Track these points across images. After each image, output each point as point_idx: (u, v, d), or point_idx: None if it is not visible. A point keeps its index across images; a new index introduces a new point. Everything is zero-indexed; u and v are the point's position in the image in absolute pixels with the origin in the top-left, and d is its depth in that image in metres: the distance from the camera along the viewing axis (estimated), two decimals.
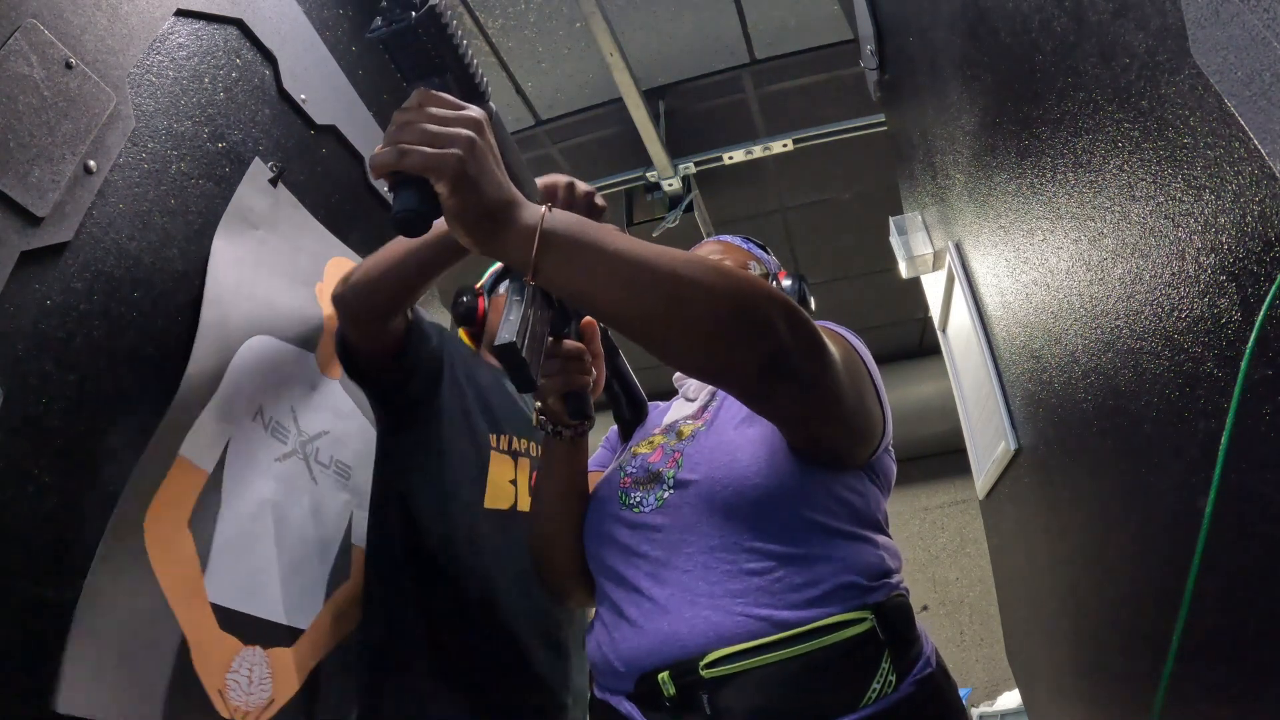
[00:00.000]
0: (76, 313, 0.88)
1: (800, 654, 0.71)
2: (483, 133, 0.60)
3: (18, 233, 0.79)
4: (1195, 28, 0.54)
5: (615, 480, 0.89)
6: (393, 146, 0.57)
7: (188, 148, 1.06)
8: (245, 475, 1.11)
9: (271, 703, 1.10)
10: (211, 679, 1.00)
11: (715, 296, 0.64)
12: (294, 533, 1.19)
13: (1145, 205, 0.65)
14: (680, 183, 2.96)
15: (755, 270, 1.06)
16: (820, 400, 0.73)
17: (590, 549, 0.89)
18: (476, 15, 2.30)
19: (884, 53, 1.80)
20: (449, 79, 0.64)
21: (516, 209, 0.61)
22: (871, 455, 0.84)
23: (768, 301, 0.66)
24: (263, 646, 1.10)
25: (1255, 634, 0.57)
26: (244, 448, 1.11)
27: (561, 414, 0.87)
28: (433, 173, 0.57)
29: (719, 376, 0.73)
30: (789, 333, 0.67)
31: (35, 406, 0.82)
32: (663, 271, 0.63)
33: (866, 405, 0.80)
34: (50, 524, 0.83)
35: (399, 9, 0.59)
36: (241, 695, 1.05)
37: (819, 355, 0.70)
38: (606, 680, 0.81)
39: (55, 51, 0.84)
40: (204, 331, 1.01)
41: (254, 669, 1.08)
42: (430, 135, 0.57)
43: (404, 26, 0.59)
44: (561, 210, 0.64)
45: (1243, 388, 0.52)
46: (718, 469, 0.81)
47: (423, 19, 0.59)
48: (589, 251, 0.62)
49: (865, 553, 0.78)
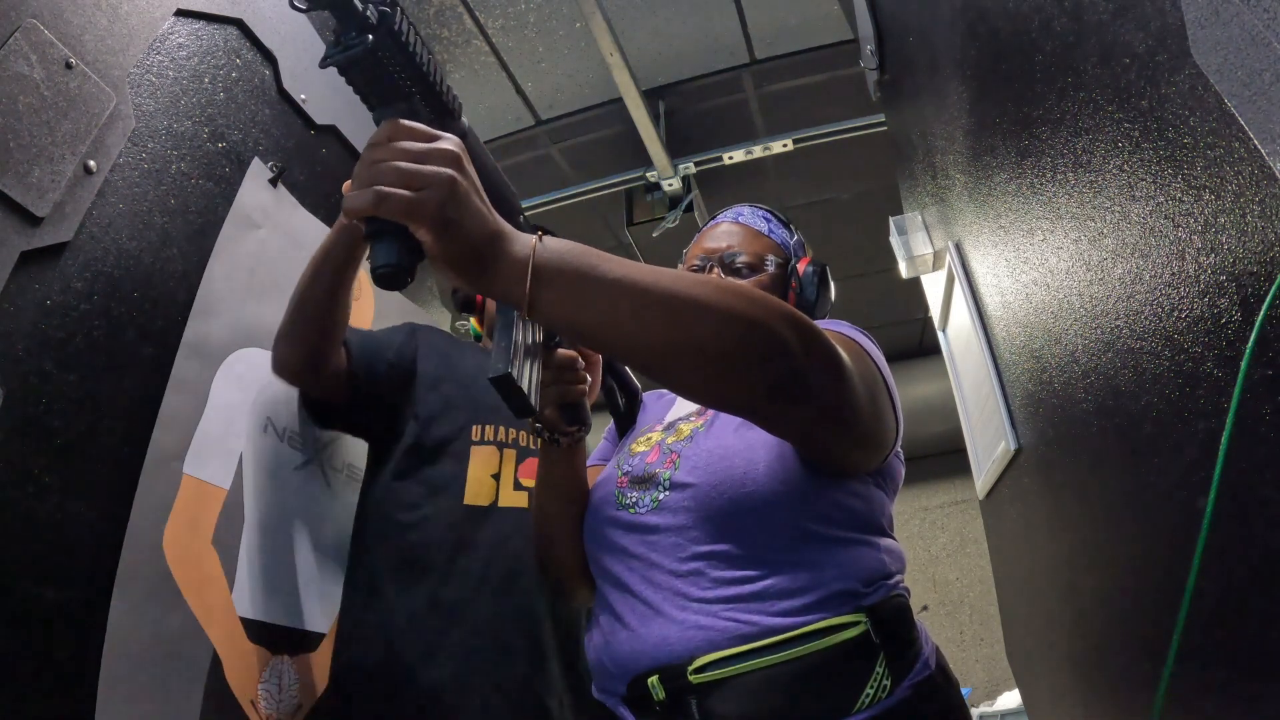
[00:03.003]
0: (76, 313, 0.88)
1: (790, 659, 0.69)
2: (461, 167, 0.56)
3: (18, 233, 0.79)
4: (1195, 28, 0.54)
5: (613, 479, 0.89)
6: (368, 189, 0.53)
7: (188, 148, 1.06)
8: (265, 488, 1.13)
9: (300, 708, 1.12)
10: (244, 691, 1.02)
11: (720, 319, 0.61)
12: (313, 539, 1.21)
13: (1145, 205, 0.65)
14: (680, 183, 2.96)
15: (772, 264, 1.03)
16: (836, 418, 0.70)
17: (588, 549, 0.88)
18: (476, 15, 2.30)
19: (884, 53, 1.80)
20: (416, 101, 0.60)
21: (504, 242, 0.57)
22: (882, 462, 0.83)
23: (778, 320, 0.63)
24: (290, 654, 1.12)
25: (1255, 634, 0.57)
26: (260, 461, 1.12)
27: (558, 423, 0.86)
28: (413, 220, 0.53)
29: (728, 402, 0.69)
30: (802, 352, 0.63)
31: (35, 406, 0.82)
32: (663, 296, 0.60)
33: (881, 416, 0.77)
34: (50, 524, 0.83)
35: (353, 32, 0.55)
36: (273, 704, 1.07)
37: (836, 373, 0.67)
38: (601, 681, 0.81)
39: (55, 51, 0.84)
40: (184, 350, 1.01)
41: (284, 677, 1.10)
42: (406, 176, 0.53)
43: (361, 51, 0.55)
44: (553, 238, 0.60)
45: (1243, 388, 0.52)
46: (713, 474, 0.79)
47: (380, 41, 0.55)
48: (585, 280, 0.59)
49: (863, 557, 0.77)
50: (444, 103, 0.62)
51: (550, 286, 0.57)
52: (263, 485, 1.12)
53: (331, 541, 1.24)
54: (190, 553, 0.98)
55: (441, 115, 0.62)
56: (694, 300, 0.61)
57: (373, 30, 0.55)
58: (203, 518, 1.01)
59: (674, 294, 0.60)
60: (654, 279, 0.61)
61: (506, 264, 0.57)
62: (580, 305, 0.59)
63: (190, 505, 0.99)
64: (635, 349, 0.62)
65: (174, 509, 0.97)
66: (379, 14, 0.55)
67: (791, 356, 0.63)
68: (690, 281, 0.62)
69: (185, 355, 1.01)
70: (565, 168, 3.07)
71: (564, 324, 0.60)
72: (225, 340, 1.09)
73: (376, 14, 0.55)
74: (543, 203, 3.13)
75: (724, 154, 2.92)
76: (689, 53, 2.62)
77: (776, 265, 1.03)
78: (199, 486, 1.01)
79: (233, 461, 1.08)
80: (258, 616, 1.07)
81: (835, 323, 0.87)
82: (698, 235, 1.10)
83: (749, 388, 0.64)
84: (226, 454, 1.07)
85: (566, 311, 0.59)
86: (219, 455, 1.05)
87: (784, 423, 0.70)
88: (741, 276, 1.01)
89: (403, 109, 0.59)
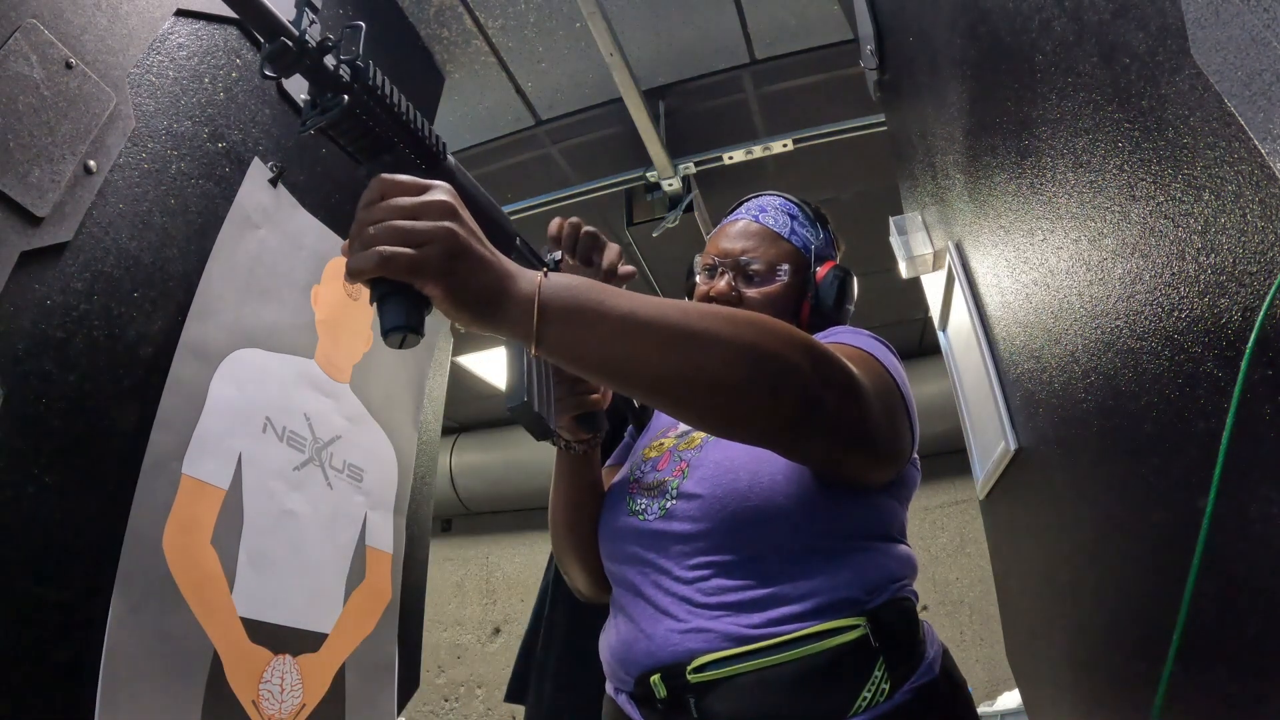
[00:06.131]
0: (76, 313, 0.88)
1: (786, 661, 0.70)
2: (457, 216, 0.55)
3: (18, 233, 0.79)
4: (1195, 28, 0.54)
5: (626, 485, 0.90)
6: (371, 251, 0.52)
7: (188, 148, 1.06)
8: (265, 488, 1.13)
9: (303, 707, 1.12)
10: (245, 691, 1.02)
11: (730, 351, 0.60)
12: (313, 540, 1.21)
13: (1145, 205, 0.65)
14: (680, 183, 2.96)
15: (786, 272, 1.01)
16: (855, 443, 0.70)
17: (602, 551, 0.90)
18: (476, 15, 2.30)
19: (884, 53, 1.80)
20: (401, 150, 0.60)
21: (510, 282, 0.57)
22: (897, 474, 0.83)
23: (789, 349, 0.62)
24: (291, 654, 1.12)
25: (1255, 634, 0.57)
26: (260, 460, 1.12)
27: (574, 431, 0.86)
28: (418, 278, 0.53)
29: (744, 433, 0.67)
30: (817, 379, 0.63)
31: (35, 406, 0.82)
32: (670, 330, 0.59)
33: (898, 431, 0.76)
34: (50, 524, 0.83)
35: (329, 93, 0.55)
36: (275, 703, 1.07)
37: (853, 397, 0.66)
38: (613, 678, 0.83)
39: (55, 51, 0.84)
40: (183, 350, 1.01)
41: (285, 677, 1.11)
42: (404, 234, 0.53)
43: (339, 112, 0.55)
44: (559, 274, 0.60)
45: (1243, 388, 0.52)
46: (719, 486, 0.79)
47: (357, 99, 0.55)
48: (590, 316, 0.58)
49: (870, 565, 0.77)
50: (428, 147, 0.62)
51: (556, 323, 0.57)
52: (263, 485, 1.12)
53: (331, 541, 1.25)
54: (190, 553, 0.98)
55: (427, 160, 0.62)
56: (702, 333, 0.60)
57: (347, 89, 0.55)
58: (202, 518, 1.01)
59: (681, 328, 0.59)
60: (660, 313, 0.59)
61: (513, 304, 0.56)
62: (586, 341, 0.58)
63: (189, 505, 0.99)
64: (644, 384, 0.61)
65: (173, 509, 0.97)
66: (352, 70, 0.55)
67: (806, 385, 0.62)
68: (699, 314, 0.61)
69: (184, 355, 1.01)
70: (565, 168, 3.07)
71: (571, 359, 0.60)
72: (224, 340, 1.09)
73: (349, 70, 0.55)
74: (543, 203, 3.13)
75: (724, 154, 2.92)
76: (689, 53, 2.62)
77: (791, 273, 1.02)
78: (198, 486, 1.01)
79: (232, 461, 1.08)
80: (257, 616, 1.07)
81: (855, 332, 0.86)
82: (718, 227, 1.10)
83: (764, 419, 0.63)
84: (225, 454, 1.07)
85: (573, 347, 0.58)
86: (218, 455, 1.05)
87: (802, 451, 0.69)
88: (754, 284, 1.01)
89: (389, 161, 0.59)
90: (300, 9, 0.55)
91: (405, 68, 2.11)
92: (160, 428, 0.97)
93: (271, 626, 1.09)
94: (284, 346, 1.23)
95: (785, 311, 1.02)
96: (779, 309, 1.01)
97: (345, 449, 1.32)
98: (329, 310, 1.32)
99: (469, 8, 2.27)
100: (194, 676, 0.96)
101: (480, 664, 5.28)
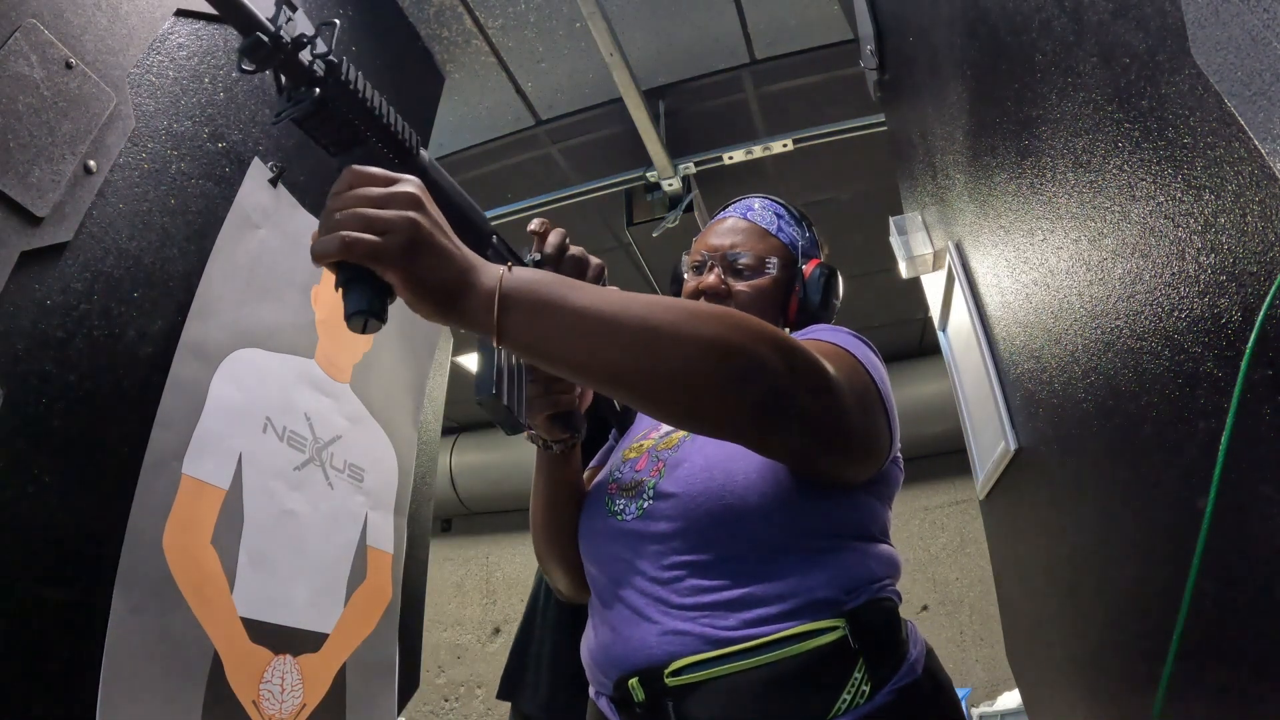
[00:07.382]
0: (76, 313, 0.88)
1: (764, 664, 0.69)
2: (422, 207, 0.56)
3: (18, 233, 0.79)
4: (1195, 28, 0.54)
5: (605, 486, 0.89)
6: (334, 236, 0.54)
7: (188, 148, 1.06)
8: (266, 487, 1.13)
9: (304, 707, 1.13)
10: (245, 691, 1.03)
11: (695, 346, 0.60)
12: (314, 540, 1.21)
13: (1145, 205, 0.65)
14: (680, 183, 2.96)
15: (774, 266, 1.01)
16: (826, 437, 0.69)
17: (582, 552, 0.89)
18: (476, 15, 2.30)
19: (884, 53, 1.80)
20: (374, 145, 0.61)
21: (472, 274, 0.57)
22: (876, 472, 0.82)
23: (756, 342, 0.62)
24: (292, 654, 1.12)
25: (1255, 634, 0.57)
26: (260, 460, 1.12)
27: (551, 431, 0.86)
28: (378, 263, 0.54)
29: (711, 428, 0.67)
30: (786, 370, 0.62)
31: (35, 406, 0.82)
32: (634, 324, 0.59)
33: (874, 428, 0.76)
34: (50, 524, 0.83)
35: (302, 86, 0.56)
36: (275, 704, 1.07)
37: (823, 390, 0.66)
38: (593, 681, 0.83)
39: (55, 51, 0.84)
40: (183, 350, 1.01)
41: (286, 677, 1.11)
42: (367, 221, 0.54)
43: (311, 105, 0.56)
44: (523, 268, 0.60)
45: (1243, 388, 0.52)
46: (695, 485, 0.79)
47: (330, 92, 0.56)
48: (552, 308, 0.58)
49: (848, 564, 0.76)
50: (400, 142, 0.63)
51: (518, 315, 0.57)
52: (263, 485, 1.12)
53: (332, 541, 1.25)
54: (190, 552, 0.98)
55: (401, 154, 0.63)
56: (667, 328, 0.59)
57: (320, 84, 0.56)
58: (202, 517, 1.01)
59: (646, 322, 0.59)
60: (624, 307, 0.59)
61: (474, 296, 0.57)
62: (548, 333, 0.58)
63: (190, 505, 0.99)
64: (609, 378, 0.61)
65: (174, 509, 0.97)
66: (325, 65, 0.56)
67: (774, 376, 0.62)
68: (664, 308, 0.61)
69: (184, 355, 1.02)
70: (565, 168, 3.07)
71: (535, 353, 0.60)
72: (224, 340, 1.09)
73: (324, 65, 0.56)
74: (543, 203, 3.13)
75: (724, 154, 2.92)
76: (689, 53, 2.62)
77: (780, 268, 1.02)
78: (198, 486, 1.01)
79: (232, 461, 1.08)
80: (258, 617, 1.07)
81: (834, 330, 0.86)
82: (706, 226, 1.10)
83: (730, 413, 0.63)
84: (226, 454, 1.07)
85: (536, 340, 0.58)
86: (218, 455, 1.05)
87: (773, 446, 0.69)
88: (743, 278, 1.01)
89: (361, 154, 0.60)
90: (279, 6, 0.56)
91: (405, 68, 2.11)
92: (160, 427, 0.97)
93: (272, 626, 1.09)
94: (284, 346, 1.23)
95: (773, 305, 1.02)
96: (767, 302, 1.01)
97: (346, 449, 1.32)
98: (329, 310, 1.32)
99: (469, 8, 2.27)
100: (194, 676, 0.96)
101: (480, 664, 5.28)
